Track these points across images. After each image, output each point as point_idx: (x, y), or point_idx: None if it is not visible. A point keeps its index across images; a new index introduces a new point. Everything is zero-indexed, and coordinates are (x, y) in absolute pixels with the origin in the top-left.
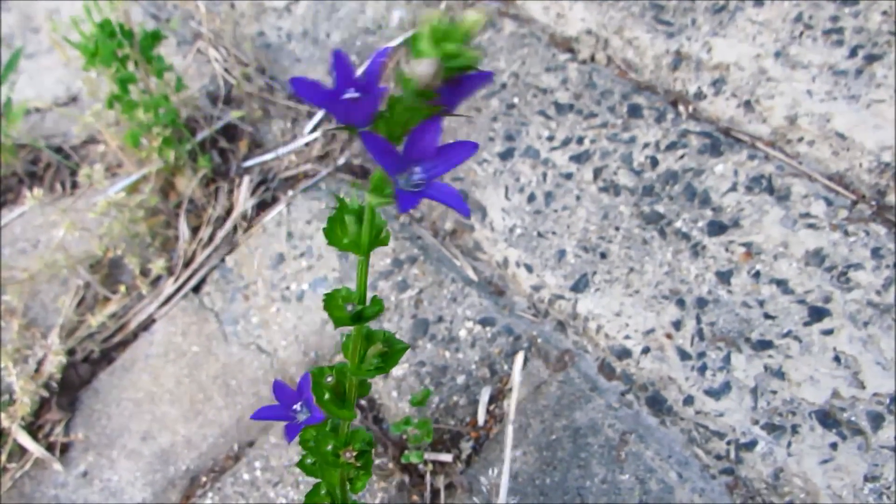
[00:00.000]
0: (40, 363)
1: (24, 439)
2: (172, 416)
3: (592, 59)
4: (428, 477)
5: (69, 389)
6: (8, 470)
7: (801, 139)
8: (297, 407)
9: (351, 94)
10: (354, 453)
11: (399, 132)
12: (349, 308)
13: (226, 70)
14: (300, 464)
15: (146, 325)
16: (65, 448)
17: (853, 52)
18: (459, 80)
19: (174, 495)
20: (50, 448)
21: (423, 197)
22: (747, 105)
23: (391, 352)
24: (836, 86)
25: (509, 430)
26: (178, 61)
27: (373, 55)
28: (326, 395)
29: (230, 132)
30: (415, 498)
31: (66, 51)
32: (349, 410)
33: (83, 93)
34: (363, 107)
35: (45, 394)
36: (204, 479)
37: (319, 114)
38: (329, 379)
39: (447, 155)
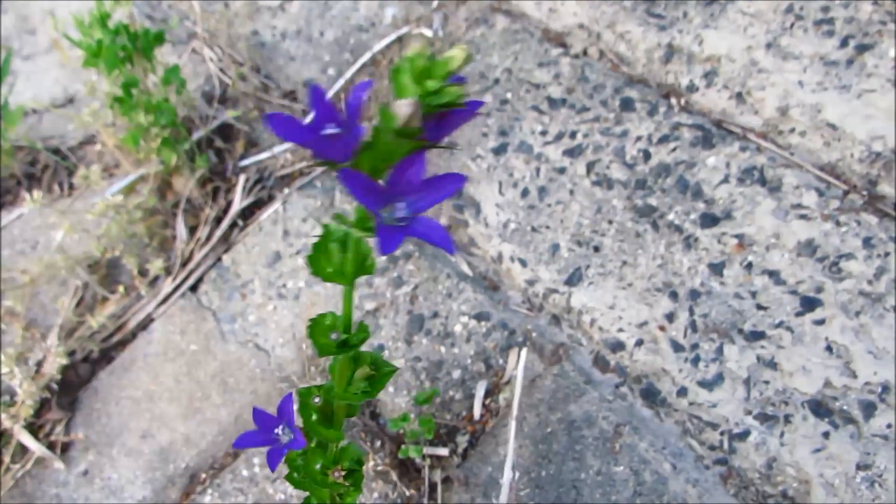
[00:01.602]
0: (40, 364)
1: (26, 439)
2: (171, 415)
3: (585, 53)
4: (425, 471)
5: (69, 389)
6: (10, 469)
7: (792, 130)
8: (278, 431)
9: (331, 129)
10: (343, 472)
11: (382, 166)
12: (334, 336)
13: (221, 69)
14: (288, 477)
15: (145, 324)
16: (65, 447)
17: (844, 43)
18: (444, 115)
19: (174, 493)
20: (51, 447)
21: (406, 234)
22: (739, 97)
23: (378, 375)
24: (828, 76)
25: (512, 424)
26: (174, 61)
27: (353, 89)
28: (314, 416)
29: (226, 132)
30: (412, 492)
31: (65, 50)
32: (337, 431)
33: (80, 94)
34: (343, 143)
35: (46, 394)
36: (203, 476)
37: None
38: (316, 400)
39: (432, 189)
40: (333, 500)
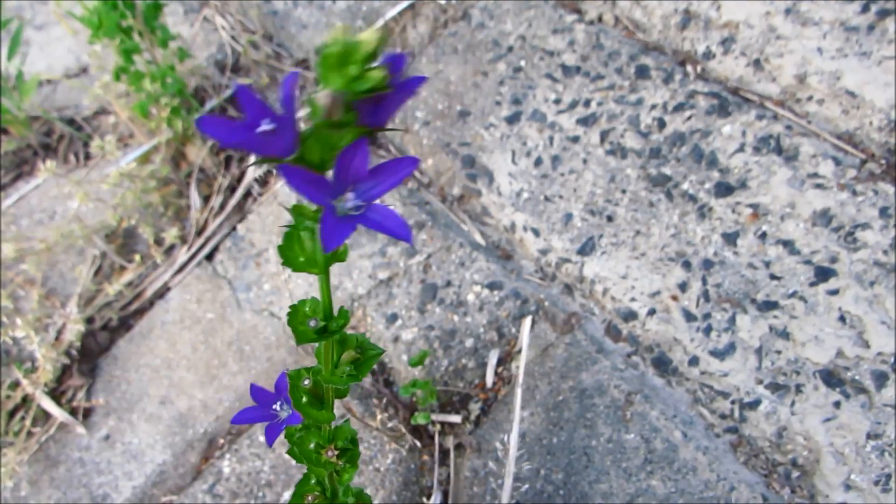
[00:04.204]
0: (60, 331)
1: (48, 404)
2: (189, 381)
3: (600, 19)
4: (437, 438)
5: (89, 356)
6: (33, 434)
7: (810, 98)
8: (276, 406)
9: (265, 125)
10: (336, 452)
11: (328, 157)
12: (312, 323)
13: (233, 38)
14: (290, 452)
15: (161, 293)
16: (87, 413)
17: (865, 8)
18: (380, 98)
19: (193, 457)
20: (73, 413)
21: (359, 224)
22: (756, 64)
23: (364, 358)
24: (847, 42)
25: (518, 392)
26: (186, 30)
27: (282, 82)
28: (304, 398)
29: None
30: (425, 458)
31: (71, 25)
32: (328, 412)
33: (94, 63)
34: (280, 138)
35: (66, 361)
36: (221, 441)
37: None
38: (306, 382)
39: (382, 175)
40: (331, 477)
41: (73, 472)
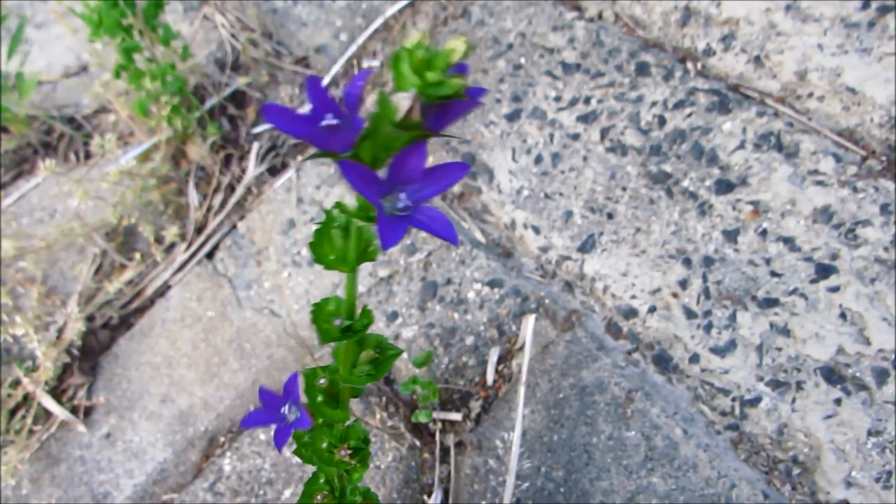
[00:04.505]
0: (61, 330)
1: (49, 403)
2: (190, 379)
3: (600, 16)
4: (438, 435)
5: (90, 354)
6: (35, 432)
7: (811, 95)
8: (285, 409)
9: (329, 120)
10: (349, 451)
11: (382, 156)
12: (337, 322)
13: (232, 36)
14: (297, 452)
15: (162, 291)
16: (88, 411)
17: (866, 4)
18: (446, 105)
19: (194, 455)
20: (74, 411)
21: (409, 225)
22: (757, 61)
23: (383, 358)
24: (848, 39)
25: (521, 389)
26: (185, 28)
27: (352, 78)
28: (320, 398)
29: (239, 99)
30: (426, 456)
31: (70, 24)
32: (343, 412)
33: (93, 61)
34: (342, 134)
35: (67, 359)
36: (222, 439)
37: (327, 79)
38: (322, 381)
39: (434, 178)
40: (341, 476)
41: (74, 471)
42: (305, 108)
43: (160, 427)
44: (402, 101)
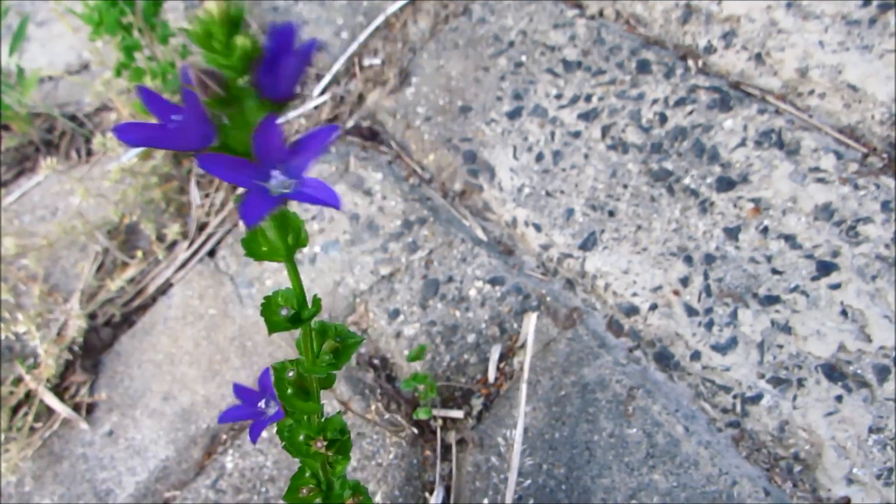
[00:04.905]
0: (62, 327)
1: (51, 400)
2: (192, 377)
3: (601, 14)
4: (440, 433)
5: (92, 352)
6: (36, 430)
7: (812, 92)
8: (261, 404)
9: (175, 119)
10: (325, 443)
11: (247, 138)
12: (284, 312)
13: None
14: (285, 446)
15: (164, 289)
16: (90, 408)
17: (867, 1)
18: (267, 68)
19: (196, 452)
20: (76, 408)
21: (280, 200)
22: (758, 58)
23: (343, 346)
24: (849, 36)
25: (523, 388)
26: (186, 25)
27: (181, 73)
28: (289, 390)
29: None
30: (427, 453)
31: (70, 22)
32: (314, 403)
33: (94, 60)
34: (190, 130)
35: (69, 357)
36: (224, 436)
37: (328, 77)
38: (290, 373)
39: (302, 149)
40: (324, 468)
41: (76, 468)
42: (309, 106)
43: (162, 424)
44: (193, 79)
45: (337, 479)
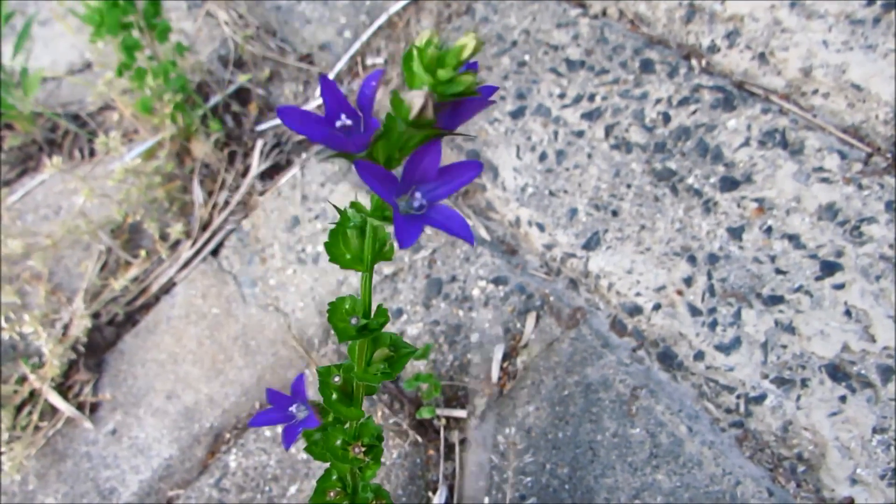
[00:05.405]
0: (66, 327)
1: (55, 399)
2: (195, 376)
3: (604, 13)
4: (443, 432)
5: (96, 351)
6: (41, 428)
7: (815, 91)
8: (293, 409)
9: (343, 121)
10: (363, 448)
11: (397, 155)
12: (353, 321)
13: (235, 33)
14: (308, 449)
15: (167, 288)
16: (94, 407)
17: (871, 1)
18: (458, 103)
19: (199, 451)
20: (80, 407)
21: (425, 224)
22: (761, 57)
23: (397, 356)
24: (853, 35)
25: (526, 387)
26: (189, 25)
27: (365, 78)
28: (334, 395)
29: (243, 96)
30: (431, 452)
31: (71, 23)
32: (357, 409)
33: (96, 60)
34: (357, 134)
35: (73, 356)
36: (227, 435)
37: (331, 76)
38: (336, 379)
39: (449, 177)
40: (353, 473)
41: (80, 466)
42: (311, 105)
43: (166, 423)
44: (415, 100)
45: (363, 482)
